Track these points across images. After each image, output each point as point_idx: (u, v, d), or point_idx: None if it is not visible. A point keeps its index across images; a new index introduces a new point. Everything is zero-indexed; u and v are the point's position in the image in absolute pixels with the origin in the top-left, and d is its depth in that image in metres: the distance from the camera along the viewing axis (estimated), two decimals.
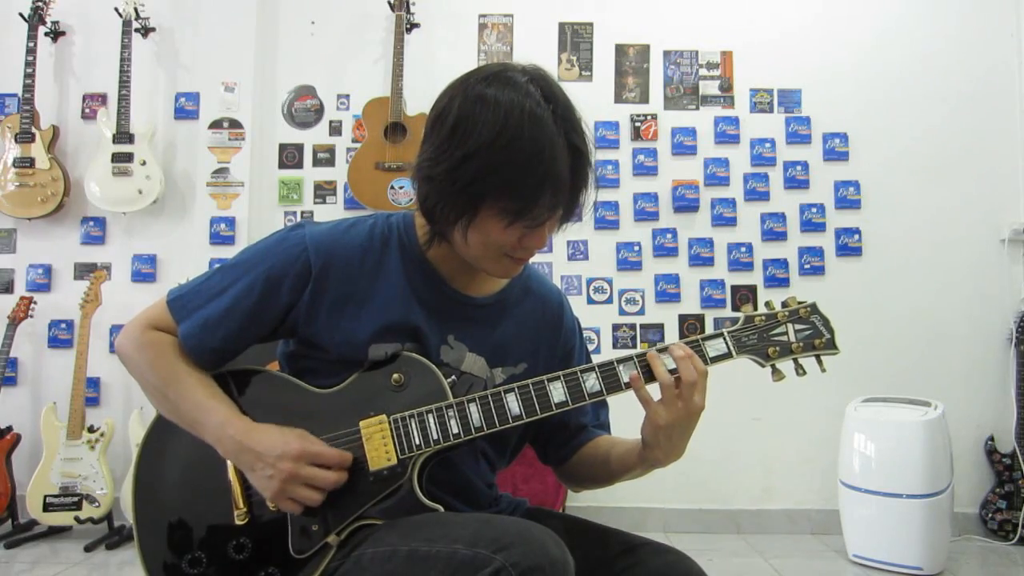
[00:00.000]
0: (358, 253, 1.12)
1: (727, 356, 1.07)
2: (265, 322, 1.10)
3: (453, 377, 1.09)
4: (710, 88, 3.41)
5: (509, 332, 1.19)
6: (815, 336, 1.09)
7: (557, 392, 1.05)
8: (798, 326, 1.10)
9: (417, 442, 1.04)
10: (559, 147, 0.99)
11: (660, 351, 1.05)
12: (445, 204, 1.03)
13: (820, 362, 1.11)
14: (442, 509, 1.03)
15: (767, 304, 1.12)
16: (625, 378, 1.05)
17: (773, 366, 1.09)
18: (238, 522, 1.03)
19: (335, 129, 3.43)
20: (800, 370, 1.11)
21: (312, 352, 1.12)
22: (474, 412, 1.04)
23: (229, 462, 1.06)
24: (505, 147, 0.97)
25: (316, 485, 1.00)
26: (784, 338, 1.09)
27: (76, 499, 2.89)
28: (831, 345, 1.10)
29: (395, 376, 1.07)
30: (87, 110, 3.38)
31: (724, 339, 1.08)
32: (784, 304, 1.12)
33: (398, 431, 1.04)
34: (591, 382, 1.06)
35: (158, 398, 1.10)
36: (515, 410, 1.04)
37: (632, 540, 1.13)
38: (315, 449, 1.01)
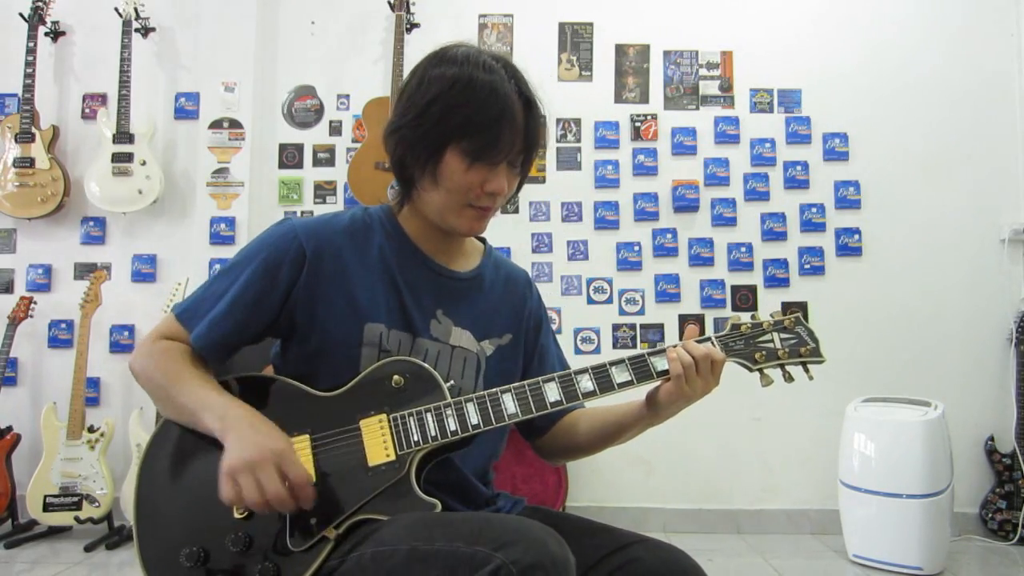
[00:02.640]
0: (345, 237, 1.18)
1: None
2: (270, 307, 1.14)
3: (452, 382, 1.12)
4: (710, 88, 3.41)
5: (491, 304, 1.26)
6: (800, 344, 1.15)
7: (552, 393, 1.10)
8: (783, 335, 1.15)
9: (415, 439, 1.06)
10: (511, 92, 1.10)
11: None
12: (412, 150, 1.12)
13: (807, 369, 1.15)
14: (439, 504, 1.04)
15: (752, 316, 1.18)
16: (619, 379, 1.10)
17: (760, 371, 1.14)
18: (237, 516, 1.03)
19: (335, 129, 3.43)
20: (788, 377, 1.16)
21: (306, 349, 1.14)
22: (471, 411, 1.08)
23: None
24: (463, 90, 1.08)
25: (262, 487, 0.97)
26: (770, 345, 1.14)
27: (76, 499, 2.89)
28: (816, 353, 1.15)
29: (395, 379, 1.10)
30: (87, 110, 3.39)
31: (712, 343, 1.13)
32: (770, 315, 1.17)
33: (397, 428, 1.07)
34: (585, 383, 1.10)
35: (161, 397, 1.11)
36: (511, 409, 1.09)
37: (629, 537, 1.14)
38: (291, 457, 1.01)
